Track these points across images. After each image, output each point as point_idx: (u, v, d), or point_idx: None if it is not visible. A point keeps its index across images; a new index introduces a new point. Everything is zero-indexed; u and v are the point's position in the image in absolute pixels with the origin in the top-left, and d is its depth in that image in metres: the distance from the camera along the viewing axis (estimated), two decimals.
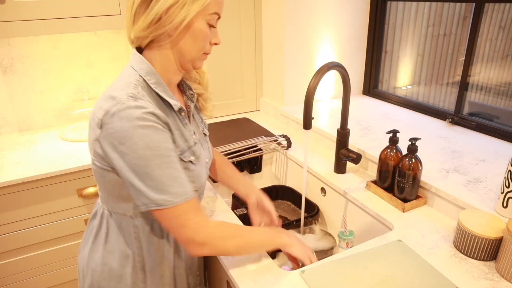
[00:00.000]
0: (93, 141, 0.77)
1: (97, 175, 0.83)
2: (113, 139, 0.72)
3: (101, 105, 0.75)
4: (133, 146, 0.71)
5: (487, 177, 1.13)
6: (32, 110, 1.70)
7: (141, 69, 0.80)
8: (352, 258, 0.91)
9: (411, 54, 1.78)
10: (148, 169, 0.72)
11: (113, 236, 0.87)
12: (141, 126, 0.72)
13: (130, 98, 0.73)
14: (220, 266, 1.00)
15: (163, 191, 0.74)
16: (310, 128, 1.07)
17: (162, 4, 0.75)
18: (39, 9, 1.37)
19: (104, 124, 0.73)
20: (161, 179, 0.73)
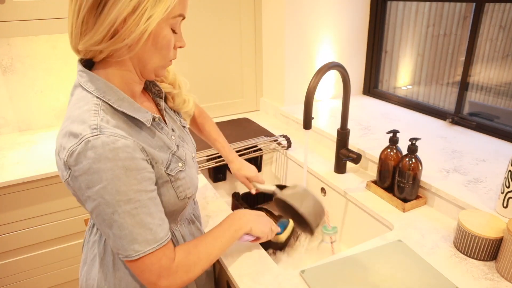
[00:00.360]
0: (64, 181, 0.70)
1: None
2: (81, 182, 0.65)
3: (63, 144, 0.66)
4: (101, 191, 0.64)
5: (487, 177, 1.13)
6: (32, 110, 1.69)
7: (97, 89, 0.69)
8: (352, 258, 0.91)
9: (411, 54, 1.78)
10: (116, 217, 0.66)
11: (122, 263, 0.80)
12: (110, 168, 0.64)
13: (94, 131, 0.64)
14: (220, 266, 1.00)
15: (131, 241, 0.67)
16: (310, 128, 1.07)
17: (118, 12, 0.63)
18: (39, 9, 1.36)
19: (71, 166, 0.65)
20: (130, 228, 0.67)
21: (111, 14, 0.63)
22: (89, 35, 0.66)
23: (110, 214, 0.66)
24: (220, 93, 1.88)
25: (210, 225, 1.06)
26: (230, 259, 0.92)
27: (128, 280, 0.81)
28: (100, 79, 0.70)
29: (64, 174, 0.68)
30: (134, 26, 0.65)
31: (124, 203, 0.66)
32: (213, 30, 1.75)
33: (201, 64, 1.78)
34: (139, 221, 0.67)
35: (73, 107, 0.69)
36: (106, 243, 0.81)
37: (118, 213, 0.65)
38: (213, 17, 1.73)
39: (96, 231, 0.84)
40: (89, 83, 0.70)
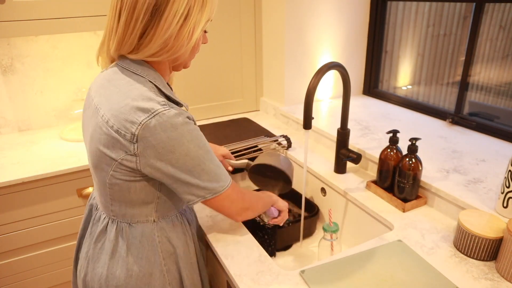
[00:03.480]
0: (122, 158, 0.75)
1: (118, 191, 0.81)
2: (160, 150, 0.73)
3: (130, 118, 0.73)
4: (185, 150, 0.75)
5: (487, 177, 1.13)
6: (32, 110, 1.70)
7: (149, 74, 0.79)
8: (352, 258, 0.91)
9: (411, 54, 1.78)
10: (203, 166, 0.78)
11: (136, 247, 0.85)
12: (187, 131, 0.75)
13: (165, 106, 0.73)
14: (220, 266, 1.00)
15: (217, 180, 0.81)
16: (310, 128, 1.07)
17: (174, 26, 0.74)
18: (39, 9, 1.36)
19: (144, 138, 0.72)
20: (215, 171, 0.81)
21: (169, 29, 0.74)
22: (148, 47, 0.76)
23: (197, 166, 0.78)
24: (220, 93, 1.88)
25: (210, 225, 1.06)
26: (230, 259, 0.92)
27: (140, 263, 0.85)
28: (151, 68, 0.81)
29: (129, 149, 0.74)
30: (187, 37, 0.77)
31: (205, 153, 0.79)
32: (213, 30, 1.75)
33: (201, 64, 1.78)
34: (217, 165, 0.82)
35: (128, 88, 0.77)
36: (118, 229, 0.86)
37: (204, 163, 0.78)
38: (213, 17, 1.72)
39: (102, 221, 0.87)
40: (140, 69, 0.80)
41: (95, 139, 0.79)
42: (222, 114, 1.93)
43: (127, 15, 0.74)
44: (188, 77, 1.77)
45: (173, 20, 0.74)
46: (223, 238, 1.00)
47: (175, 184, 0.79)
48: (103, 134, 0.76)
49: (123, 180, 0.79)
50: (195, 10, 0.76)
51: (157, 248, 0.86)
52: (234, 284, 0.87)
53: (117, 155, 0.76)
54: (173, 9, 0.73)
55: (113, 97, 0.77)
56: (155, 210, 0.85)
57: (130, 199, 0.82)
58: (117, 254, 0.85)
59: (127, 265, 0.84)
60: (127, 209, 0.84)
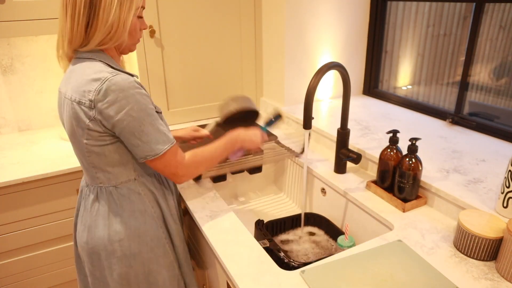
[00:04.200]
0: (88, 123, 0.87)
1: (96, 157, 0.93)
2: (111, 110, 0.85)
3: (87, 89, 0.85)
4: (130, 111, 0.85)
5: (487, 177, 1.13)
6: (32, 110, 1.69)
7: (100, 57, 0.90)
8: (352, 258, 0.91)
9: (411, 54, 1.78)
10: (143, 127, 0.88)
11: (127, 203, 0.98)
12: (132, 94, 0.85)
13: (113, 73, 0.86)
14: (220, 266, 1.00)
15: (156, 143, 0.90)
16: (310, 128, 1.07)
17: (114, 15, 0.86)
18: (39, 9, 1.36)
19: (98, 102, 0.84)
20: (154, 134, 0.90)
21: (109, 18, 0.86)
22: (95, 36, 0.88)
23: (138, 127, 0.87)
24: (220, 93, 1.88)
25: (211, 225, 1.06)
26: (230, 259, 0.92)
27: (135, 215, 0.98)
28: (101, 52, 0.92)
29: (90, 114, 0.86)
30: (123, 24, 0.88)
31: (146, 116, 0.88)
32: (213, 30, 1.75)
33: (201, 64, 1.78)
34: (157, 129, 0.91)
35: (83, 71, 0.88)
36: (108, 193, 0.97)
37: (144, 125, 0.88)
38: (213, 17, 1.73)
39: (91, 192, 0.99)
40: (91, 54, 0.91)
41: (68, 118, 0.91)
42: None
43: (72, 10, 0.86)
44: (188, 77, 1.77)
45: (110, 9, 0.86)
46: (223, 238, 1.00)
47: (126, 142, 0.90)
48: (70, 110, 0.89)
49: (97, 146, 0.90)
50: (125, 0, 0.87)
51: (144, 200, 1.00)
52: (234, 284, 0.87)
53: (84, 122, 0.87)
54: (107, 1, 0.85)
55: (74, 81, 0.89)
56: (133, 170, 0.97)
57: (108, 162, 0.93)
58: (112, 213, 0.97)
59: (123, 219, 0.97)
60: (109, 173, 0.95)
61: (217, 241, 0.99)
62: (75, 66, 0.92)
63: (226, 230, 1.03)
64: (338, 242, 1.04)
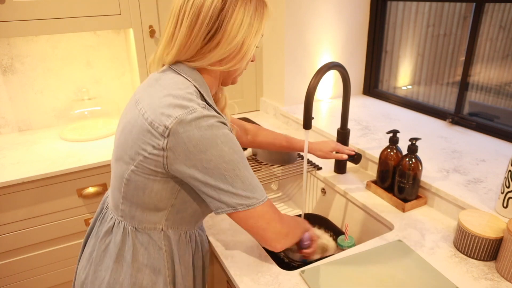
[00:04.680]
0: (148, 152, 0.73)
1: (132, 189, 0.78)
2: (191, 148, 0.70)
3: (167, 112, 0.71)
4: (219, 152, 0.71)
5: (487, 177, 1.13)
6: (32, 110, 1.70)
7: (195, 79, 0.78)
8: (352, 258, 0.91)
9: (411, 54, 1.78)
10: (238, 172, 0.73)
11: (142, 253, 0.82)
12: (222, 134, 0.72)
13: (204, 108, 0.72)
14: (220, 266, 1.00)
15: (252, 191, 0.75)
16: (310, 128, 1.07)
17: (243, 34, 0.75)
18: (39, 9, 1.36)
19: (176, 133, 0.70)
20: (250, 180, 0.75)
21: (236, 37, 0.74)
22: (212, 53, 0.75)
23: (232, 170, 0.72)
24: None
25: (210, 224, 1.06)
26: (230, 259, 0.92)
27: (146, 271, 0.82)
28: (199, 74, 0.79)
29: (158, 143, 0.71)
30: (250, 48, 0.77)
31: (241, 159, 0.74)
32: None
33: None
34: (253, 175, 0.76)
35: (173, 86, 0.76)
36: (126, 232, 0.82)
37: (239, 168, 0.73)
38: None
39: (109, 220, 0.84)
40: (188, 72, 0.78)
41: (126, 131, 0.77)
42: None
43: (192, 18, 0.73)
44: None
45: (240, 27, 0.74)
46: (223, 238, 1.00)
47: (205, 187, 0.73)
48: (136, 126, 0.75)
49: (142, 177, 0.75)
50: (256, 20, 0.76)
51: (163, 257, 0.83)
52: (234, 284, 0.87)
53: (145, 149, 0.73)
54: (239, 17, 0.74)
55: (155, 93, 0.76)
56: (165, 219, 0.81)
57: (142, 201, 0.79)
58: (122, 258, 0.82)
59: (131, 272, 0.81)
60: (137, 211, 0.80)
61: (217, 241, 0.99)
62: (165, 75, 0.79)
63: (226, 230, 1.04)
64: (338, 242, 1.04)
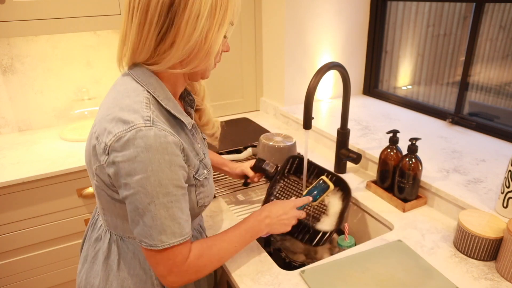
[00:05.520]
0: (96, 167, 0.71)
1: (105, 203, 0.76)
2: (122, 168, 0.66)
3: (109, 128, 0.67)
4: (143, 180, 0.65)
5: (487, 177, 1.13)
6: (32, 110, 1.69)
7: (149, 83, 0.71)
8: (352, 258, 0.91)
9: (411, 54, 1.78)
10: (152, 207, 0.67)
11: (127, 263, 0.80)
12: (158, 160, 0.65)
13: (147, 122, 0.65)
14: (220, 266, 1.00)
15: (160, 232, 0.69)
16: (310, 128, 1.07)
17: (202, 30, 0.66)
18: (39, 9, 1.36)
19: (113, 151, 0.66)
20: (162, 220, 0.68)
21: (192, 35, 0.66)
22: (166, 60, 0.69)
23: (146, 204, 0.67)
24: (220, 93, 1.88)
25: (210, 224, 1.06)
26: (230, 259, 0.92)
27: (131, 281, 0.80)
28: (153, 76, 0.72)
29: (101, 159, 0.68)
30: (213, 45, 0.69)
31: (162, 196, 0.67)
32: None
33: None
34: (172, 215, 0.69)
35: (122, 95, 0.71)
36: (112, 241, 0.81)
37: (154, 204, 0.67)
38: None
39: (99, 228, 0.84)
40: (141, 77, 0.72)
41: (86, 144, 0.76)
42: (222, 114, 1.93)
43: (140, 15, 0.66)
44: None
45: (197, 22, 0.65)
46: None
47: (128, 211, 0.70)
48: (88, 140, 0.74)
49: (106, 191, 0.73)
50: (219, 9, 0.67)
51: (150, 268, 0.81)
52: (234, 284, 0.87)
53: (94, 164, 0.71)
54: (194, 10, 0.65)
55: (106, 105, 0.72)
56: None
57: (118, 213, 0.76)
58: (108, 267, 0.81)
59: (117, 280, 0.80)
60: (118, 221, 0.78)
61: None
62: (120, 81, 0.75)
63: None
64: (338, 242, 1.04)
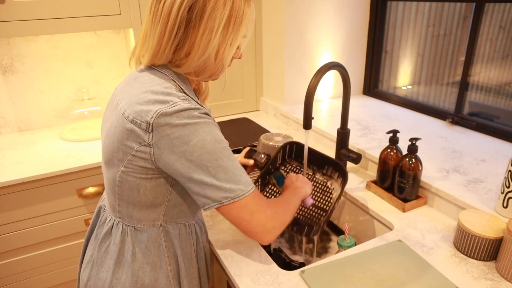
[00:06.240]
0: (135, 150, 0.72)
1: (127, 190, 0.78)
2: (174, 140, 0.69)
3: (147, 109, 0.70)
4: (201, 142, 0.70)
5: (487, 177, 1.13)
6: (32, 110, 1.69)
7: (172, 74, 0.77)
8: (352, 258, 0.91)
9: (411, 54, 1.78)
10: (221, 162, 0.71)
11: (142, 252, 0.82)
12: (204, 123, 0.71)
13: (185, 101, 0.71)
14: (220, 266, 1.00)
15: (236, 182, 0.73)
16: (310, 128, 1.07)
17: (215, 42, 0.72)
18: (39, 9, 1.36)
19: (159, 126, 0.69)
20: (234, 170, 0.73)
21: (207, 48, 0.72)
22: (184, 66, 0.75)
23: (214, 161, 0.71)
24: (220, 93, 1.88)
25: (211, 225, 1.06)
26: (230, 259, 0.92)
27: (148, 268, 0.82)
28: (173, 70, 0.78)
29: (144, 138, 0.71)
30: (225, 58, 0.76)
31: (223, 150, 0.72)
32: None
33: None
34: (237, 165, 0.74)
35: (151, 83, 0.75)
36: (124, 232, 0.82)
37: (221, 159, 0.72)
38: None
39: (107, 223, 0.85)
40: (164, 69, 0.77)
41: (111, 133, 0.76)
42: (222, 114, 1.93)
43: (162, 24, 0.72)
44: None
45: (211, 35, 0.71)
46: (223, 238, 1.00)
47: (189, 183, 0.73)
48: (118, 126, 0.74)
49: (134, 177, 0.75)
50: (232, 25, 0.73)
51: (164, 253, 0.83)
52: (234, 284, 0.87)
53: (131, 147, 0.72)
54: (209, 25, 0.71)
55: (133, 91, 0.75)
56: (163, 214, 0.81)
57: (138, 200, 0.78)
58: (122, 258, 0.82)
59: (132, 271, 0.81)
60: (134, 211, 0.80)
61: (217, 241, 0.99)
62: (142, 73, 0.78)
63: (226, 230, 1.03)
64: (338, 242, 1.04)
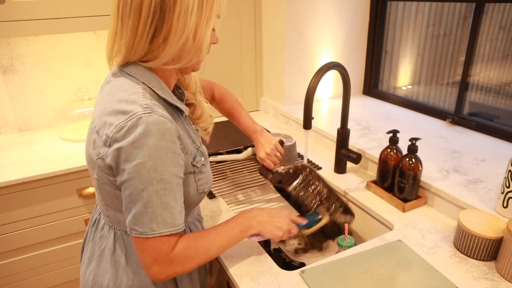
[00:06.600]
0: (96, 159, 0.71)
1: (107, 197, 0.77)
2: (121, 154, 0.67)
3: (109, 121, 0.68)
4: (139, 166, 0.66)
5: (487, 177, 1.13)
6: (32, 110, 1.69)
7: (143, 76, 0.73)
8: (352, 258, 0.91)
9: (411, 54, 1.78)
10: (145, 194, 0.67)
11: (135, 256, 0.81)
12: (154, 146, 0.66)
13: (146, 109, 0.67)
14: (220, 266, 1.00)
15: (151, 220, 0.69)
16: (310, 128, 1.07)
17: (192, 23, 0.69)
18: (39, 9, 1.36)
19: (115, 141, 0.67)
20: (154, 207, 0.68)
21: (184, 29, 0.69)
22: (161, 56, 0.71)
23: (139, 190, 0.67)
24: None
25: (210, 224, 1.06)
26: (230, 259, 0.92)
27: (142, 274, 0.81)
28: (147, 71, 0.74)
29: (100, 151, 0.70)
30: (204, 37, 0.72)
31: (156, 182, 0.67)
32: None
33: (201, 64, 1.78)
34: (164, 203, 0.69)
35: (118, 89, 0.72)
36: (116, 237, 0.81)
37: (148, 191, 0.67)
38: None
39: (103, 226, 0.84)
40: (135, 71, 0.74)
41: (86, 141, 0.77)
42: None
43: (134, 15, 0.68)
44: None
45: (187, 17, 0.67)
46: None
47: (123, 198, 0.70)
48: (88, 135, 0.75)
49: (109, 186, 0.74)
50: (205, 5, 0.69)
51: None
52: (234, 284, 0.87)
53: (96, 158, 0.71)
54: (184, 6, 0.67)
55: (104, 99, 0.74)
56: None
57: (120, 206, 0.75)
58: (116, 263, 0.81)
59: (127, 274, 0.81)
60: (121, 216, 0.78)
61: None
62: (114, 77, 0.76)
63: None
64: (338, 242, 1.04)
